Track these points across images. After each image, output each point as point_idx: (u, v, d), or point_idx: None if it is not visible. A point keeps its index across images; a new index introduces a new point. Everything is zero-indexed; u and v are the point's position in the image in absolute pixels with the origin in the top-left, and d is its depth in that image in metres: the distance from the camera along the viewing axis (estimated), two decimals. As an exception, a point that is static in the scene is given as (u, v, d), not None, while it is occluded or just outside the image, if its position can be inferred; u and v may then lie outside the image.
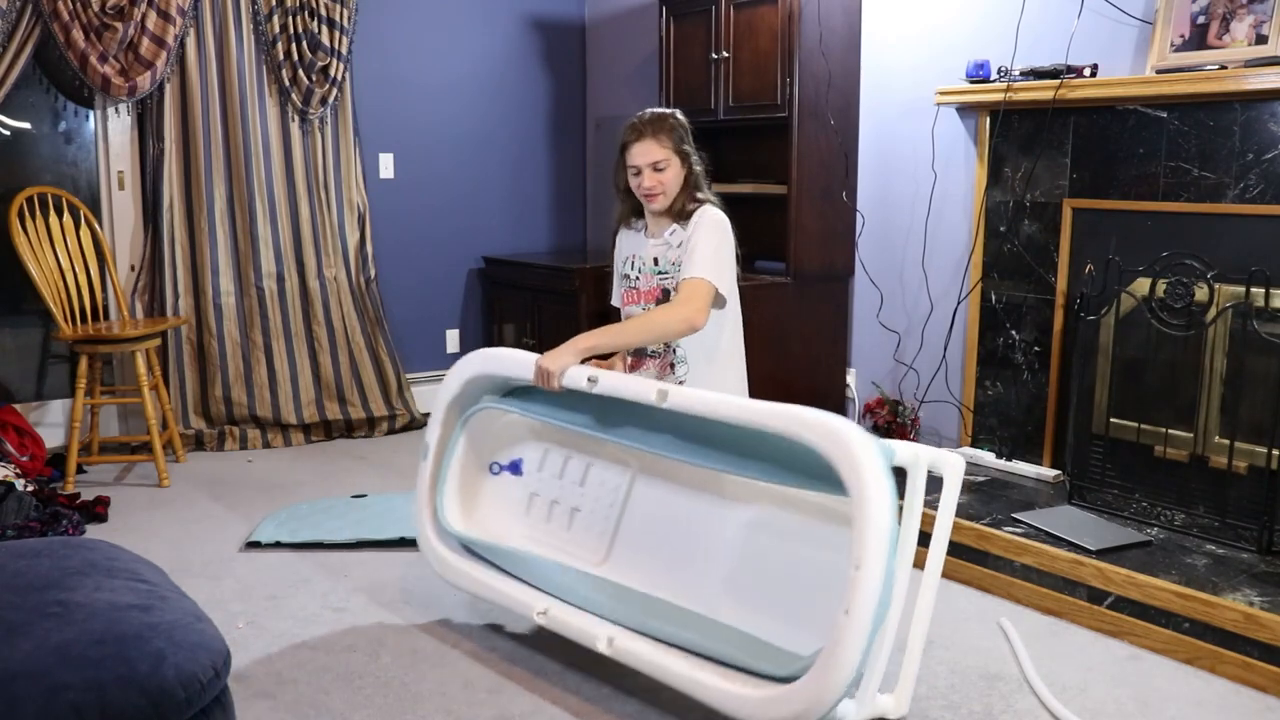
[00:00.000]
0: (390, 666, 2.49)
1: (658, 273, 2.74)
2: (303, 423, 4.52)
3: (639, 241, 2.80)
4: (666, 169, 2.66)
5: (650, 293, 2.73)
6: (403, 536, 3.28)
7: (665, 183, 2.66)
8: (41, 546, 1.97)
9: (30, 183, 4.09)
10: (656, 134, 2.66)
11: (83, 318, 3.99)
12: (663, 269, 2.73)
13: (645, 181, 2.66)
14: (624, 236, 2.85)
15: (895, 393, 4.06)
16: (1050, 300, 3.48)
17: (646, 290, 2.75)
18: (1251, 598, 2.51)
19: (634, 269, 2.79)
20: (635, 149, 2.67)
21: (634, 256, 2.79)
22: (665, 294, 2.72)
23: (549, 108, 5.33)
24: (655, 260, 2.74)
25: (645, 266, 2.77)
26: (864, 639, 1.87)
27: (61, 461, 3.85)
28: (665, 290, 2.71)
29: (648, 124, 2.68)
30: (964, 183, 3.76)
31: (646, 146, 2.66)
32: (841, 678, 1.88)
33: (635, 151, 2.67)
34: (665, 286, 2.71)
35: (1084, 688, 2.41)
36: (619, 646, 2.25)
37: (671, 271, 2.71)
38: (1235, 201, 2.96)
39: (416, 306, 5.01)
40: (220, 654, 1.65)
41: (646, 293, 2.75)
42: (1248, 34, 2.98)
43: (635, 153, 2.67)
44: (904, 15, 3.92)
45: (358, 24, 4.55)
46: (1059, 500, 3.24)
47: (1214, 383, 3.02)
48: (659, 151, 2.65)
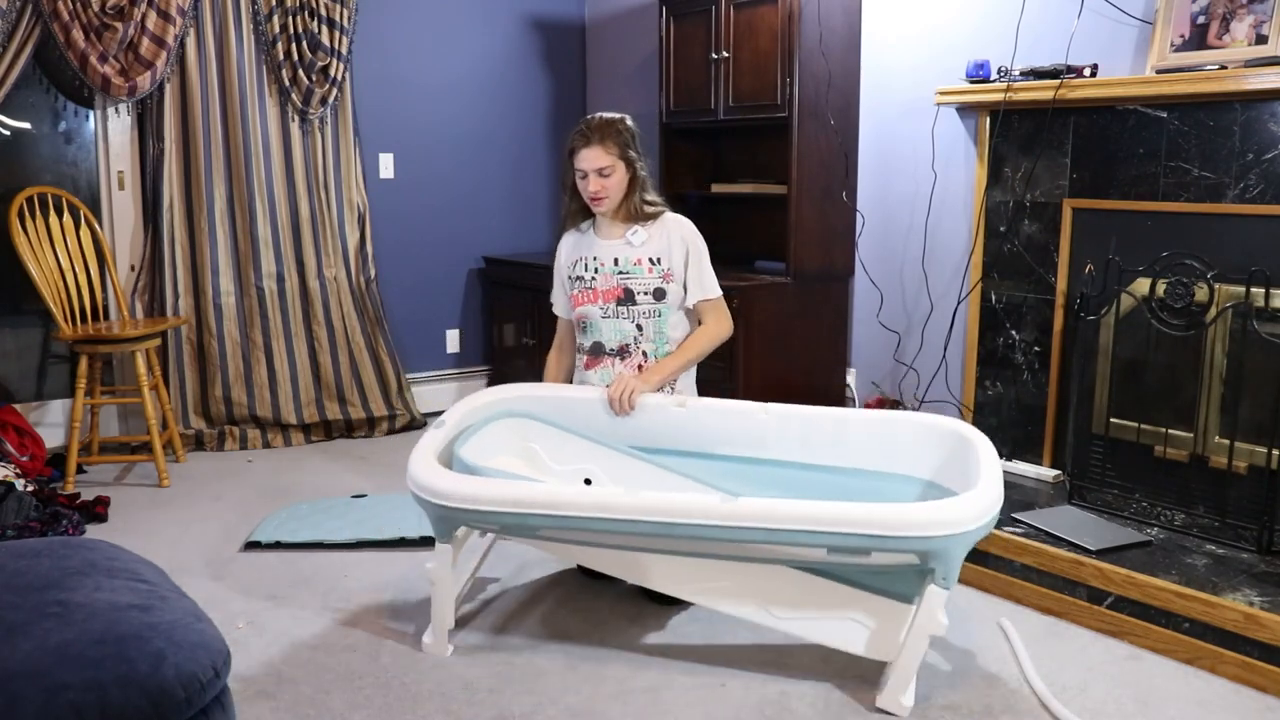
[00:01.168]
0: (390, 666, 2.49)
1: (618, 272, 2.84)
2: (303, 423, 4.52)
3: (589, 243, 2.91)
4: (611, 175, 2.79)
5: (611, 292, 2.82)
6: (403, 536, 3.28)
7: (609, 188, 2.79)
8: (41, 546, 1.97)
9: (30, 183, 4.09)
10: (603, 140, 2.77)
11: (83, 318, 3.99)
12: (624, 269, 2.84)
13: (590, 186, 2.78)
14: (569, 241, 2.96)
15: (895, 393, 4.06)
16: (1050, 300, 3.48)
17: (606, 290, 2.83)
18: (1251, 598, 2.51)
19: (588, 270, 2.87)
20: (582, 154, 2.78)
21: (585, 258, 2.89)
22: (628, 293, 2.82)
23: (549, 108, 5.33)
24: (615, 260, 2.84)
25: (603, 267, 2.85)
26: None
27: (61, 461, 3.86)
28: (628, 290, 2.81)
29: (594, 130, 2.78)
30: (964, 183, 3.76)
31: (593, 152, 2.77)
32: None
33: (582, 156, 2.78)
34: (628, 286, 2.81)
35: (1084, 688, 2.41)
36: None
37: (635, 272, 2.82)
38: (1235, 201, 2.96)
39: (416, 306, 5.01)
40: (220, 654, 1.65)
41: (605, 292, 2.84)
42: (1248, 34, 2.98)
43: (582, 158, 2.78)
44: (904, 15, 3.92)
45: (358, 24, 4.55)
46: (1059, 500, 3.24)
47: (1214, 383, 3.02)
48: (604, 158, 2.77)
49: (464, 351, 5.22)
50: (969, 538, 2.15)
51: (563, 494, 2.34)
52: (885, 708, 2.27)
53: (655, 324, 2.87)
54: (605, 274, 2.85)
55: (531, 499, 2.31)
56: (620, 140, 2.79)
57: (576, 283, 2.89)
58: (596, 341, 2.89)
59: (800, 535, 2.16)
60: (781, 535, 2.17)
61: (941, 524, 2.11)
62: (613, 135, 2.77)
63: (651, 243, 2.86)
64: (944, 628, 2.21)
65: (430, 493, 2.37)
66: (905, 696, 2.27)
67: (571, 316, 2.96)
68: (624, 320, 2.86)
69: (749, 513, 2.18)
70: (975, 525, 2.14)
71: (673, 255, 2.86)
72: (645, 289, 2.84)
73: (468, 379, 5.20)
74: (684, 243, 2.87)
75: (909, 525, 2.12)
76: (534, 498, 2.31)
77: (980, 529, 2.16)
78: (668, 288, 2.85)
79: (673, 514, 2.22)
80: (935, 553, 2.14)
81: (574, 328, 2.97)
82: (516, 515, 2.32)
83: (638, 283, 2.83)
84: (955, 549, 2.15)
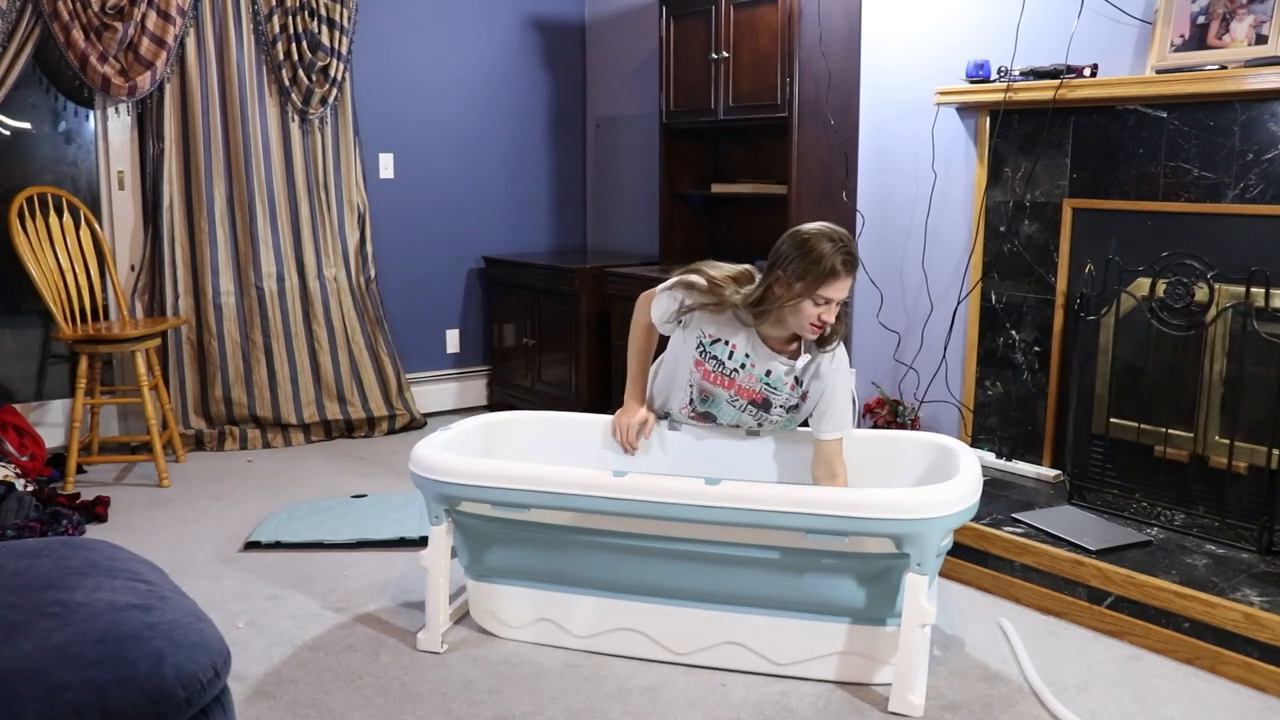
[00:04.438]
0: (390, 666, 2.49)
1: (766, 385, 2.65)
2: (303, 423, 4.52)
3: (751, 341, 2.63)
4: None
5: (748, 392, 2.66)
6: (403, 536, 3.28)
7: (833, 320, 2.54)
8: (41, 546, 1.97)
9: (30, 183, 4.09)
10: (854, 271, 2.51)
11: (83, 318, 3.99)
12: (774, 384, 2.64)
13: (826, 316, 2.48)
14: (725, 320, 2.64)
15: (895, 393, 4.06)
16: (1050, 300, 3.47)
17: (748, 389, 2.66)
18: (1251, 598, 2.51)
19: (732, 359, 2.65)
20: (842, 284, 2.46)
21: (733, 345, 2.64)
22: (766, 402, 2.66)
23: (549, 108, 5.33)
24: (768, 373, 2.64)
25: (751, 368, 2.64)
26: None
27: (61, 461, 3.86)
28: (768, 400, 2.66)
29: (855, 260, 2.49)
30: (964, 183, 3.76)
31: (848, 284, 2.48)
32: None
33: (840, 286, 2.46)
34: (768, 397, 2.65)
35: (1084, 688, 2.41)
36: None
37: (780, 389, 2.64)
38: (1235, 201, 2.96)
39: (416, 306, 5.01)
40: (220, 654, 1.65)
41: (745, 390, 2.67)
42: (1248, 34, 2.98)
43: (839, 287, 2.46)
44: (904, 15, 3.92)
45: (358, 24, 4.55)
46: (1059, 500, 3.24)
47: (1214, 383, 3.02)
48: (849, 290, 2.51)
49: (464, 352, 5.22)
50: (944, 523, 2.22)
51: (551, 472, 2.42)
52: (898, 710, 2.27)
53: (773, 427, 2.75)
54: (749, 374, 2.65)
55: (522, 476, 2.41)
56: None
57: (712, 360, 2.66)
58: (710, 414, 2.76)
59: (779, 517, 2.25)
60: (762, 517, 2.26)
61: (916, 508, 2.20)
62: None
63: (807, 371, 2.63)
64: (932, 615, 2.25)
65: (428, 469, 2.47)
66: (915, 695, 2.28)
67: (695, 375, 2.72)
68: (749, 415, 2.71)
69: (731, 495, 2.28)
70: (950, 511, 2.21)
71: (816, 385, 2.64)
72: (782, 404, 2.67)
73: (468, 379, 5.20)
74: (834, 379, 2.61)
75: (884, 508, 2.21)
76: (524, 475, 2.41)
77: (955, 515, 2.23)
78: (802, 405, 2.68)
79: (657, 495, 2.32)
80: (910, 537, 2.21)
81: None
82: (508, 491, 2.41)
83: (779, 398, 2.66)
84: (930, 533, 2.22)
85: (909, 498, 2.24)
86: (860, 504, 2.22)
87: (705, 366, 2.67)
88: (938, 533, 2.23)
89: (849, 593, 2.33)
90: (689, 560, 2.40)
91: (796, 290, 2.45)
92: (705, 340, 2.66)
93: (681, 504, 2.30)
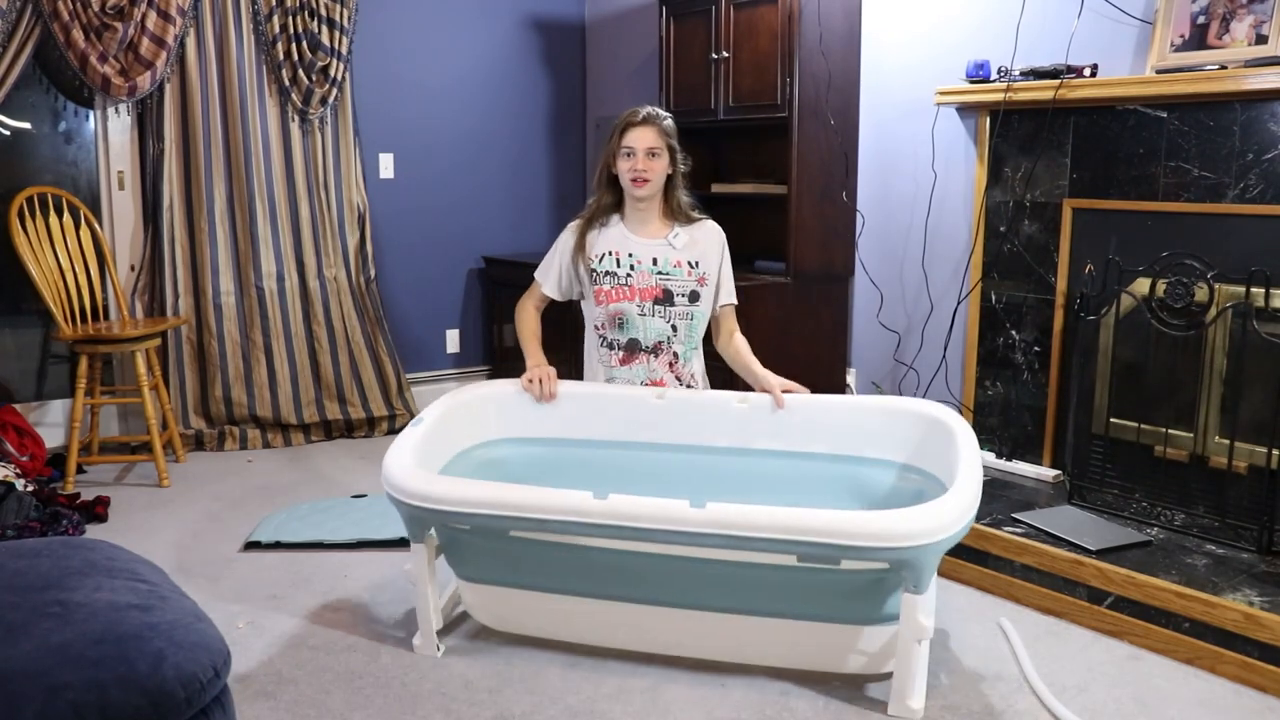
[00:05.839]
0: (390, 666, 2.49)
1: (657, 272, 2.83)
2: (303, 423, 4.52)
3: (622, 238, 2.88)
4: (658, 158, 2.80)
5: (649, 291, 2.80)
6: (403, 536, 3.27)
7: (654, 170, 2.80)
8: (41, 546, 1.97)
9: (30, 183, 4.09)
10: (656, 123, 2.79)
11: (83, 318, 3.99)
12: (663, 269, 2.83)
13: (638, 164, 2.78)
14: (599, 234, 2.92)
15: (895, 392, 4.06)
16: (1050, 300, 3.48)
17: (644, 288, 2.81)
18: (1251, 598, 2.51)
19: (620, 265, 2.85)
20: (635, 132, 2.79)
21: (617, 253, 2.86)
22: (667, 294, 2.80)
23: (549, 108, 5.33)
24: (654, 260, 2.82)
25: (640, 265, 2.84)
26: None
27: (61, 461, 3.85)
28: (667, 290, 2.78)
29: (650, 114, 2.81)
30: (964, 183, 3.76)
31: (646, 132, 2.78)
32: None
33: (635, 134, 2.78)
34: (667, 287, 2.77)
35: (1084, 688, 2.41)
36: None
37: (674, 274, 2.79)
38: (1235, 201, 2.96)
39: (416, 306, 5.02)
40: (220, 654, 1.65)
41: (644, 290, 2.82)
42: (1248, 34, 2.98)
43: (634, 135, 2.78)
44: (904, 15, 3.92)
45: (358, 24, 4.55)
46: (1059, 500, 3.24)
47: (1214, 383, 3.02)
48: (656, 139, 2.79)
49: (464, 351, 5.22)
50: (940, 547, 2.13)
51: (533, 496, 2.30)
52: (896, 714, 2.27)
53: (688, 326, 2.89)
54: (643, 272, 2.85)
55: (503, 500, 2.28)
56: (669, 129, 2.83)
57: (606, 278, 2.87)
58: (633, 339, 2.89)
59: (769, 544, 2.15)
60: (750, 543, 2.16)
61: (912, 535, 2.08)
62: (663, 122, 2.82)
63: (692, 247, 2.89)
64: (929, 630, 2.19)
65: (402, 492, 2.38)
66: (914, 700, 2.27)
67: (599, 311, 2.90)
68: (661, 319, 2.87)
69: (718, 520, 2.15)
70: (947, 534, 2.11)
71: (709, 261, 2.89)
72: (682, 291, 2.86)
73: (468, 379, 5.20)
74: (720, 251, 2.92)
75: (879, 535, 2.09)
76: (506, 499, 2.29)
77: (952, 537, 2.13)
78: (702, 292, 2.88)
79: (642, 519, 2.20)
80: (906, 562, 2.12)
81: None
82: (488, 518, 2.30)
83: (676, 284, 2.85)
84: (926, 558, 2.13)
85: (905, 522, 2.11)
86: (854, 530, 2.10)
87: (604, 288, 2.85)
88: (935, 555, 2.15)
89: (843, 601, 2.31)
90: (679, 573, 2.34)
91: (609, 158, 2.84)
92: (595, 265, 2.87)
93: (666, 529, 2.18)
